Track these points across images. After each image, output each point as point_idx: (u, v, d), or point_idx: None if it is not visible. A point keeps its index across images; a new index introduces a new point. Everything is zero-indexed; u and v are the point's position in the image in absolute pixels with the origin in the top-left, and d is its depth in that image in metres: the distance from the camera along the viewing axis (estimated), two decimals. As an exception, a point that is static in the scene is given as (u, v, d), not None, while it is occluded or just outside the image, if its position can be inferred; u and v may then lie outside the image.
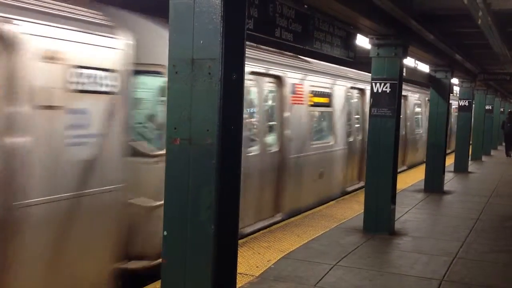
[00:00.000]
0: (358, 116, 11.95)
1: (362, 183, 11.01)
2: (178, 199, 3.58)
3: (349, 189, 11.21)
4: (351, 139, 11.20)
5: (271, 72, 8.09)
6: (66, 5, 4.54)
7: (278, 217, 8.31)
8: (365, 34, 7.74)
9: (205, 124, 3.44)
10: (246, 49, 3.68)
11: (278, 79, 8.31)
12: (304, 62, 9.49)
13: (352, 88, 11.33)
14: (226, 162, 3.51)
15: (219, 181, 3.45)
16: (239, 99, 3.65)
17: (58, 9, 4.44)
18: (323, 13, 6.32)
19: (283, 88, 8.39)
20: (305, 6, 5.89)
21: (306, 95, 9.11)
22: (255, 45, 7.84)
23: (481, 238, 7.81)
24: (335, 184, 10.53)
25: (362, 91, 11.83)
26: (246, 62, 3.71)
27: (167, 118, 3.60)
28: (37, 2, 4.29)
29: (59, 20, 4.34)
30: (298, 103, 8.86)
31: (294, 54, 9.26)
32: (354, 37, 7.38)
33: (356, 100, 11.85)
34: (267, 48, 8.31)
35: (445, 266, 6.33)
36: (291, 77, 8.62)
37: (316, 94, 9.63)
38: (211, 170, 3.44)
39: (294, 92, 8.67)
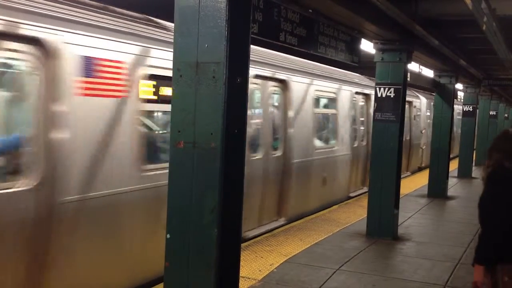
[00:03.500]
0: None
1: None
2: (182, 202, 3.58)
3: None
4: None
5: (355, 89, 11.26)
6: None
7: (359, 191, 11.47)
8: (369, 39, 7.74)
9: (209, 127, 3.45)
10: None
11: (367, 96, 11.83)
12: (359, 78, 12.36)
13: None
14: (230, 166, 3.51)
15: (223, 184, 3.45)
16: (243, 102, 3.66)
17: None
18: (328, 18, 6.33)
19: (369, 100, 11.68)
20: (310, 10, 5.90)
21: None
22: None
23: (484, 244, 7.77)
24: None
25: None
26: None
27: (171, 121, 3.61)
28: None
29: None
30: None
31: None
32: (359, 42, 7.39)
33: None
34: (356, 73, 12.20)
35: (449, 271, 6.31)
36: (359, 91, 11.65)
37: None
38: (215, 173, 3.44)
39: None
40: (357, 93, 11.40)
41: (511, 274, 3.49)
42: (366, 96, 11.94)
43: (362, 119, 12.03)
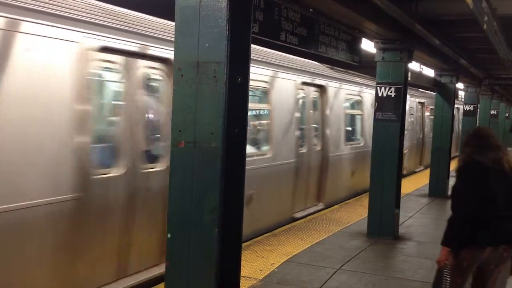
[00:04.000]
0: None
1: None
2: (182, 201, 3.58)
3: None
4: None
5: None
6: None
7: None
8: (370, 38, 7.74)
9: (210, 127, 3.45)
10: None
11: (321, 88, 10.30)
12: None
13: None
14: (231, 166, 3.51)
15: (223, 184, 3.45)
16: (244, 102, 3.66)
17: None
18: (329, 17, 6.33)
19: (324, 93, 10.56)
20: (311, 10, 5.90)
21: None
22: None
23: (485, 243, 7.77)
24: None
25: None
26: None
27: (172, 120, 3.61)
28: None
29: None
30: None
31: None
32: (359, 41, 7.39)
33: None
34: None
35: (449, 271, 6.30)
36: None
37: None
38: (216, 173, 3.44)
39: None
40: (305, 83, 8.91)
41: (471, 261, 3.92)
42: (321, 88, 9.53)
43: (315, 117, 9.53)
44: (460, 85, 16.28)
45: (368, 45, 7.98)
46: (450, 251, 3.94)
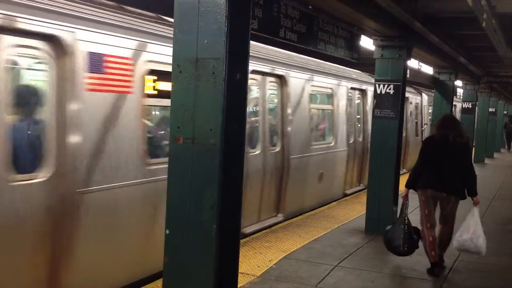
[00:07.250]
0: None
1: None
2: (181, 198, 3.58)
3: None
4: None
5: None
6: None
7: None
8: (369, 35, 7.75)
9: (209, 123, 3.45)
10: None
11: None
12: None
13: None
14: (229, 162, 3.51)
15: (222, 180, 3.46)
16: (242, 99, 3.66)
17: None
18: (328, 14, 6.33)
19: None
20: (310, 6, 5.90)
21: None
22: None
23: (483, 240, 7.78)
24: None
25: None
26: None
27: (171, 117, 3.61)
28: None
29: None
30: None
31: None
32: (358, 38, 7.39)
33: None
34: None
35: (447, 268, 6.32)
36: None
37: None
38: (214, 169, 3.45)
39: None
40: (257, 72, 7.29)
41: (426, 196, 6.03)
42: (280, 79, 7.99)
43: (273, 113, 8.01)
44: (458, 83, 16.31)
45: (367, 42, 7.98)
46: (408, 191, 6.10)
